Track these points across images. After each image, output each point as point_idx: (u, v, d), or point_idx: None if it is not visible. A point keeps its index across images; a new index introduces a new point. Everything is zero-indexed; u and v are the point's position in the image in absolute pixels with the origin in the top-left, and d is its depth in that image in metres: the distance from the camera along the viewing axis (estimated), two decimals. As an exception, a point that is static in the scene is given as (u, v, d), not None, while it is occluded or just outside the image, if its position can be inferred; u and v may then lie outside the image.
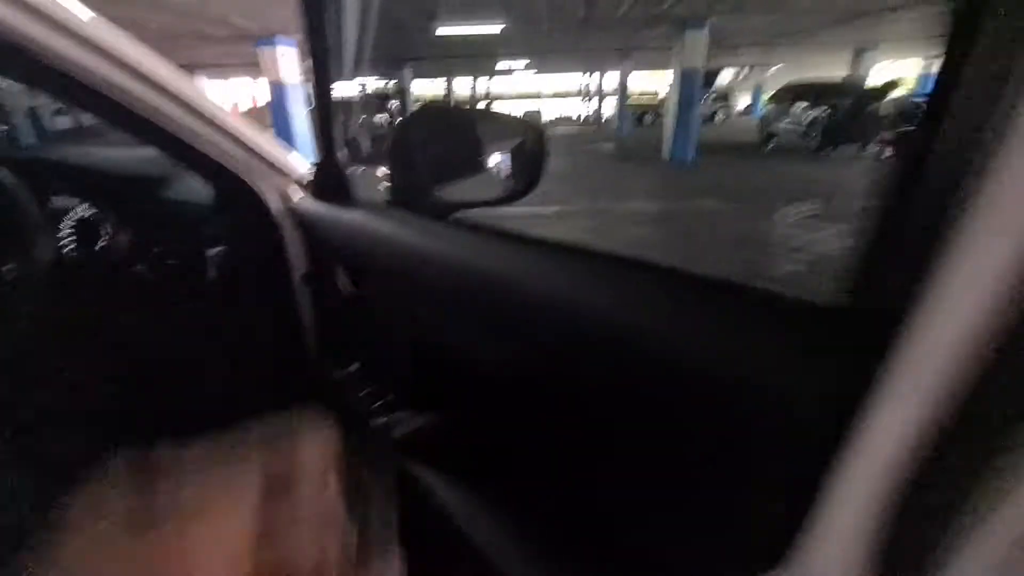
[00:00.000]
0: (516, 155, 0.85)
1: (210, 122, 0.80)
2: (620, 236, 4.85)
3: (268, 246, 0.93)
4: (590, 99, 29.97)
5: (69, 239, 0.88)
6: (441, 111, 0.92)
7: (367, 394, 0.88)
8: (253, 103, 24.31)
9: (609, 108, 22.82)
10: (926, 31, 10.16)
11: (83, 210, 0.89)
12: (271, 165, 0.90)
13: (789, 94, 11.02)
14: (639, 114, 19.32)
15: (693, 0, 7.45)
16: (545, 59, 17.05)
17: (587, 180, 8.05)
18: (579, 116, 31.83)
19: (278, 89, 9.23)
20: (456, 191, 0.87)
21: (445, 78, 24.49)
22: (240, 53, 10.20)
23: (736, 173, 8.39)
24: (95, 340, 0.88)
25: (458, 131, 0.90)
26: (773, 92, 12.27)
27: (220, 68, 19.69)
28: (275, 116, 9.39)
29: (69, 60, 0.64)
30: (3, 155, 0.86)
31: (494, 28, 9.25)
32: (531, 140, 0.84)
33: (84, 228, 0.89)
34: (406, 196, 0.87)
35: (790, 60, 18.70)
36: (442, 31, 9.39)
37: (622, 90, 16.95)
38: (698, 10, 8.15)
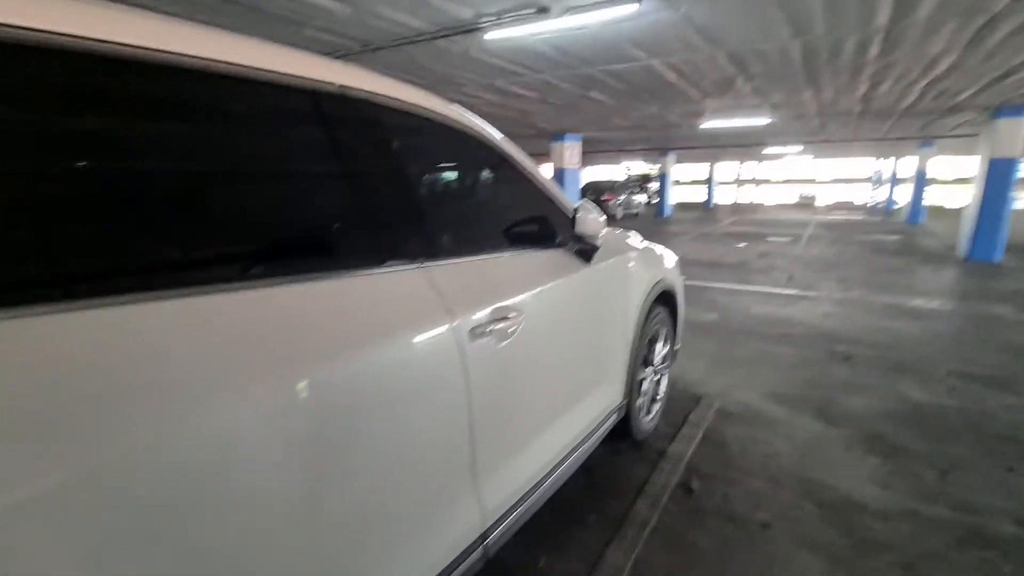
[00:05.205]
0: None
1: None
2: (859, 321, 4.80)
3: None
4: (878, 186, 26.51)
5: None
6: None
7: None
8: (537, 182, 34.15)
9: (904, 196, 19.88)
10: None
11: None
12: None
13: None
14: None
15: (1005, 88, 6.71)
16: (820, 147, 16.24)
17: (845, 270, 7.66)
18: (867, 203, 28.24)
19: (559, 172, 11.60)
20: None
21: (709, 163, 25.08)
22: (535, 146, 13.04)
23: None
24: None
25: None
26: None
27: (519, 155, 23.96)
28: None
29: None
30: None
31: (760, 121, 9.76)
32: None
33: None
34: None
35: None
36: (705, 126, 10.35)
37: (918, 179, 14.85)
38: (1013, 97, 7.21)
